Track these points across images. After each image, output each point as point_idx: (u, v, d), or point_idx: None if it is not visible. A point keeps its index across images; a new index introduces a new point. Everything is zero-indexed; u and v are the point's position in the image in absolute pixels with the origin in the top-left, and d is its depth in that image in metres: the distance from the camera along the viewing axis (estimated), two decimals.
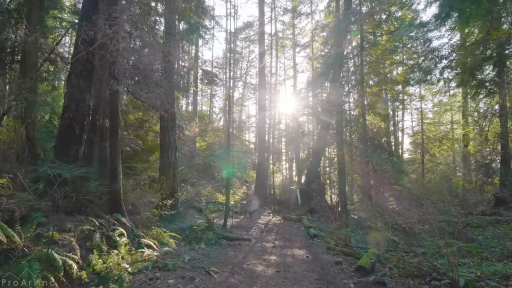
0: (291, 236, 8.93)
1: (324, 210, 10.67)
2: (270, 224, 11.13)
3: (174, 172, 8.67)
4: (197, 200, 14.80)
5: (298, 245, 7.66)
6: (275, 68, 24.62)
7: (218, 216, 12.27)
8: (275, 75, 24.57)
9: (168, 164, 8.51)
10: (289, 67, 24.50)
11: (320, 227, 9.81)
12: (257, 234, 9.18)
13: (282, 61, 25.63)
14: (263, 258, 6.19)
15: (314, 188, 12.44)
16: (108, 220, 4.93)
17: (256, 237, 8.64)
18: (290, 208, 14.50)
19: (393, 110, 19.09)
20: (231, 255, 6.26)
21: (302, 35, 22.14)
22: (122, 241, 4.66)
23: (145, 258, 4.53)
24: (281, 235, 9.03)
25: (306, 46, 21.10)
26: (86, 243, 4.33)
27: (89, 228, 4.46)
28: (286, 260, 6.14)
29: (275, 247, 7.43)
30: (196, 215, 11.43)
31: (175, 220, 8.69)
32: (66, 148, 4.54)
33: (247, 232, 9.38)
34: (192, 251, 5.66)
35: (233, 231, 8.97)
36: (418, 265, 4.98)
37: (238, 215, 13.54)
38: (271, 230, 9.88)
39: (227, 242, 7.34)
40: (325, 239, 7.94)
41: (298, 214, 12.49)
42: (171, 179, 8.56)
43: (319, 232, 8.74)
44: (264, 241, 8.16)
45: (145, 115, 10.98)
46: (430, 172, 18.43)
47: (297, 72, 23.53)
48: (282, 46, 23.53)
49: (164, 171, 8.54)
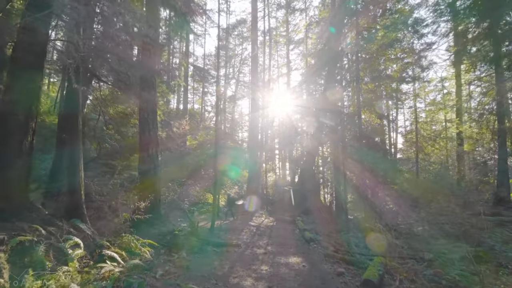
0: (285, 240, 8.05)
1: (320, 211, 9.84)
2: (263, 226, 10.23)
3: (156, 171, 7.67)
4: (185, 201, 13.81)
5: (292, 251, 6.78)
6: (269, 65, 23.79)
7: (207, 218, 11.31)
8: (269, 73, 23.73)
9: (149, 161, 7.51)
10: (283, 64, 23.74)
11: (316, 229, 8.97)
12: (248, 238, 8.27)
13: (276, 59, 24.85)
14: (253, 269, 5.28)
15: (309, 187, 11.62)
16: (61, 228, 3.94)
17: (247, 241, 7.72)
18: (283, 208, 13.64)
19: (387, 108, 18.48)
20: (216, 265, 5.33)
21: (296, 32, 21.40)
22: (76, 254, 3.68)
23: (104, 276, 3.56)
24: (274, 239, 8.14)
25: (300, 43, 20.34)
26: (24, 258, 3.33)
27: (31, 239, 3.46)
28: (280, 270, 5.25)
29: (267, 253, 6.53)
30: (181, 218, 10.45)
31: (156, 224, 7.70)
32: (3, 138, 3.54)
33: (237, 235, 8.45)
34: (168, 263, 4.70)
35: (222, 235, 8.03)
36: (435, 277, 4.19)
37: (229, 216, 12.61)
38: (264, 233, 8.98)
39: (213, 249, 6.40)
40: (322, 244, 7.10)
41: (292, 215, 11.64)
42: (152, 178, 7.56)
43: (315, 235, 7.89)
44: (255, 246, 7.25)
45: (127, 109, 9.93)
46: (424, 171, 17.91)
47: (291, 69, 22.77)
48: (275, 42, 22.71)
49: (144, 170, 7.54)
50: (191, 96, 32.44)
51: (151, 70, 7.00)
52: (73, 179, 4.37)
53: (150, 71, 7.04)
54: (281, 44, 24.67)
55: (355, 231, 8.72)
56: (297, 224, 9.97)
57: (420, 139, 18.45)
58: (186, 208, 7.64)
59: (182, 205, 12.74)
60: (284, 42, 22.53)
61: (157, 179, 7.75)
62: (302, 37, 20.38)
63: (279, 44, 24.36)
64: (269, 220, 11.72)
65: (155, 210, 7.78)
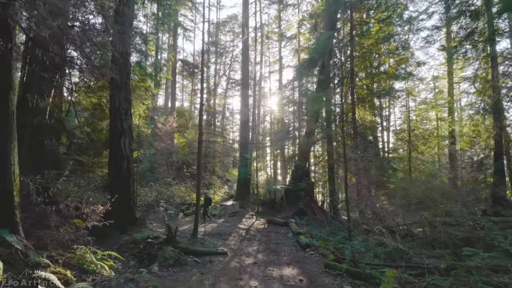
0: (278, 245, 7.07)
1: (316, 212, 8.92)
2: (253, 229, 9.23)
3: (129, 168, 6.54)
4: (165, 202, 12.63)
5: (286, 260, 5.81)
6: (260, 62, 22.83)
7: (192, 221, 10.22)
8: (260, 70, 22.76)
9: (121, 156, 6.37)
10: (275, 61, 22.78)
11: (312, 233, 8.03)
12: (236, 243, 7.24)
13: (268, 55, 23.89)
14: (240, 285, 4.27)
15: (303, 187, 10.70)
16: None
17: (234, 248, 6.69)
18: (275, 209, 12.68)
19: (380, 106, 17.84)
20: (194, 282, 4.28)
21: (289, 28, 20.51)
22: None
23: None
24: (265, 245, 7.15)
25: (292, 38, 19.46)
26: None
27: None
28: (272, 287, 4.26)
29: (258, 263, 5.53)
30: (159, 222, 9.33)
31: (130, 230, 6.58)
32: None
33: (224, 241, 7.41)
34: (130, 283, 3.61)
35: (206, 241, 6.97)
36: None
37: (217, 218, 11.54)
38: (254, 238, 7.97)
39: (193, 259, 5.35)
40: (320, 251, 6.15)
41: (285, 216, 10.69)
42: (124, 176, 6.43)
43: (311, 240, 6.94)
44: (243, 254, 6.24)
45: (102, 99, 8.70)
46: (417, 170, 17.37)
47: (283, 66, 21.88)
48: (267, 37, 21.77)
49: (115, 166, 6.40)
50: (181, 94, 31.10)
51: (123, 50, 5.88)
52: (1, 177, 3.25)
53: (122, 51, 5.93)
54: (273, 41, 23.78)
55: (353, 234, 7.84)
56: (290, 227, 9.02)
57: (412, 138, 17.93)
58: (161, 211, 6.50)
59: (166, 206, 11.60)
60: (276, 37, 21.63)
61: (131, 177, 6.62)
62: (294, 33, 19.52)
63: (271, 40, 23.45)
64: (260, 222, 10.73)
65: (129, 213, 6.66)
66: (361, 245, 6.82)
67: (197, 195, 6.86)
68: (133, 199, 6.73)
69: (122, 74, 6.35)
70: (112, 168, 6.43)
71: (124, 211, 6.53)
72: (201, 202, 7.98)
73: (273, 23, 23.72)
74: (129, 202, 6.56)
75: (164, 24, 15.10)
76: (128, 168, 6.51)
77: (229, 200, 14.08)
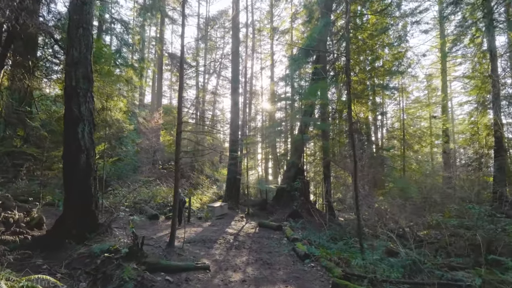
0: (271, 255, 5.89)
1: (312, 214, 7.81)
2: (242, 234, 8.02)
3: (89, 162, 5.20)
4: (151, 204, 11.23)
5: (282, 276, 4.63)
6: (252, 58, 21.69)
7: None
8: (251, 66, 21.61)
9: (77, 148, 5.04)
10: (267, 56, 21.70)
11: (310, 238, 6.90)
12: (222, 253, 6.01)
13: (260, 51, 22.76)
14: None
15: (298, 186, 9.58)
16: None
17: (220, 259, 5.46)
18: (267, 211, 11.50)
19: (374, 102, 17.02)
20: None
21: (281, 22, 19.50)
22: None
23: None
24: (256, 254, 5.95)
25: (285, 32, 18.41)
26: None
27: None
28: None
29: (247, 281, 4.33)
30: (134, 227, 7.98)
31: (90, 239, 5.24)
32: None
33: (207, 249, 6.17)
34: None
35: (186, 251, 5.70)
36: None
37: (203, 221, 10.25)
38: (243, 245, 6.76)
39: (165, 278, 4.09)
40: (323, 263, 5.01)
41: (278, 219, 9.53)
42: (83, 172, 5.10)
43: (310, 248, 5.80)
44: (230, 267, 5.02)
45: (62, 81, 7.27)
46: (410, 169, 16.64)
47: (275, 62, 20.83)
48: (259, 30, 20.64)
49: (70, 160, 5.06)
50: (169, 91, 29.56)
51: (81, 18, 4.59)
52: None
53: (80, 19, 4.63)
54: (265, 37, 22.73)
55: (357, 239, 6.75)
56: (284, 231, 7.87)
57: (406, 137, 17.24)
58: (122, 216, 5.18)
59: (149, 209, 10.21)
60: (268, 31, 20.53)
61: (92, 174, 5.28)
62: (287, 28, 18.51)
63: (263, 37, 22.38)
64: (251, 225, 9.52)
65: (89, 219, 5.31)
66: (369, 253, 5.73)
67: (174, 196, 5.60)
68: (94, 201, 5.38)
69: (81, 46, 5.03)
70: (67, 163, 5.08)
71: (82, 216, 5.19)
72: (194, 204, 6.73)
73: (265, 19, 22.69)
74: (89, 205, 5.21)
75: (151, 10, 13.70)
76: (88, 163, 5.17)
77: (217, 201, 12.81)
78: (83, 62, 5.09)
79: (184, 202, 8.56)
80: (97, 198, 5.57)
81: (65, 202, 5.19)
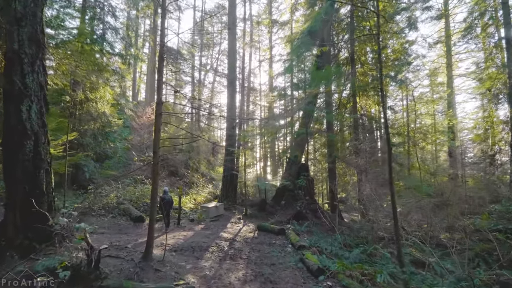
0: (274, 268, 4.63)
1: (319, 216, 6.57)
2: (239, 240, 6.75)
3: (39, 151, 3.91)
4: (138, 204, 9.91)
5: None
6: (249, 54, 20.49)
7: (162, 228, 7.61)
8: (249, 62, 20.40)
9: (22, 132, 3.75)
10: (265, 49, 20.45)
11: (319, 245, 5.64)
12: (213, 265, 4.74)
13: (258, 46, 21.52)
14: None
15: (302, 184, 8.32)
16: None
17: (210, 275, 4.20)
18: (266, 211, 10.23)
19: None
20: None
21: (280, 15, 18.32)
22: None
23: None
24: (256, 267, 4.69)
25: (285, 24, 17.19)
26: None
27: None
28: None
29: None
30: (109, 233, 6.67)
31: (41, 251, 3.94)
32: None
33: (196, 260, 4.90)
34: None
35: (167, 265, 4.41)
36: None
37: (195, 224, 8.95)
38: (239, 254, 5.49)
39: None
40: (343, 281, 3.76)
41: (279, 221, 8.27)
42: (28, 164, 3.81)
43: (323, 260, 4.55)
44: (222, 287, 3.76)
45: None
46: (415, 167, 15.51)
47: (273, 57, 19.61)
48: (257, 23, 19.41)
49: (11, 147, 3.76)
50: (164, 88, 28.20)
51: None
52: None
53: None
54: (263, 33, 21.52)
55: (376, 246, 5.53)
56: (288, 236, 6.61)
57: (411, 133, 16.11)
58: (63, 222, 3.86)
59: (131, 209, 8.90)
60: (266, 24, 19.31)
61: (43, 166, 3.99)
62: (287, 19, 17.32)
63: (261, 32, 21.17)
64: (249, 228, 8.26)
65: (39, 225, 4.01)
66: (392, 266, 4.51)
67: (152, 195, 4.33)
68: (47, 201, 4.09)
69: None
70: (8, 152, 3.78)
71: (29, 221, 3.89)
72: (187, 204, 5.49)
73: (263, 14, 21.50)
74: (39, 206, 3.91)
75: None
76: (37, 152, 3.88)
77: (213, 201, 11.52)
78: (30, 20, 3.81)
79: (171, 203, 7.28)
80: (53, 197, 4.26)
81: (6, 203, 3.89)
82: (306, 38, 8.31)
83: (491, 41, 11.77)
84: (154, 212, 4.41)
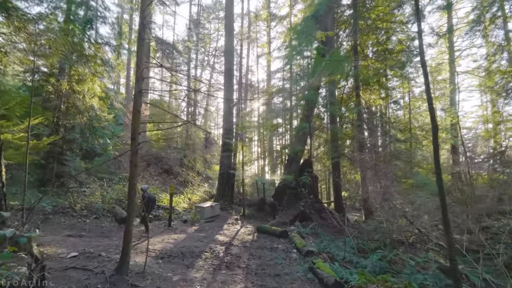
0: (279, 280, 3.78)
1: (328, 217, 5.74)
2: (237, 244, 5.89)
3: None
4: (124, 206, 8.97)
5: None
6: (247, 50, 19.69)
7: (154, 229, 6.71)
8: (247, 58, 19.59)
9: None
10: (263, 45, 19.60)
11: (330, 251, 4.80)
12: (206, 277, 3.88)
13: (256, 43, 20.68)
14: None
15: (305, 181, 7.49)
16: None
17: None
18: (265, 212, 9.40)
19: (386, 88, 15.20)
20: None
21: (279, 8, 17.54)
22: None
23: None
24: (257, 280, 3.84)
25: (283, 18, 16.39)
26: None
27: None
28: None
29: None
30: (82, 237, 5.75)
31: None
32: None
33: (186, 269, 4.03)
34: None
35: (147, 277, 3.53)
36: None
37: (188, 225, 8.06)
38: (237, 262, 4.64)
39: None
40: None
41: (281, 222, 7.42)
42: None
43: (338, 270, 3.71)
44: None
45: None
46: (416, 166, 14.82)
47: (272, 54, 18.80)
48: (256, 16, 18.61)
49: None
50: (160, 85, 27.25)
51: None
52: None
53: None
54: (261, 31, 20.73)
55: (398, 252, 4.71)
56: (292, 239, 5.76)
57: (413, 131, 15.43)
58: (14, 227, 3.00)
59: (117, 210, 7.97)
60: (265, 17, 18.50)
61: None
62: (286, 13, 16.53)
63: (259, 28, 20.36)
64: (247, 230, 7.41)
65: None
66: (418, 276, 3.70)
67: (129, 192, 3.46)
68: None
69: None
70: None
71: None
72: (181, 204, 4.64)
73: (261, 10, 20.71)
74: None
75: None
76: None
77: (208, 201, 10.64)
78: None
79: (153, 201, 6.39)
80: (3, 195, 3.35)
81: None
82: (310, 21, 7.50)
83: (501, 32, 11.13)
84: (132, 211, 3.54)
